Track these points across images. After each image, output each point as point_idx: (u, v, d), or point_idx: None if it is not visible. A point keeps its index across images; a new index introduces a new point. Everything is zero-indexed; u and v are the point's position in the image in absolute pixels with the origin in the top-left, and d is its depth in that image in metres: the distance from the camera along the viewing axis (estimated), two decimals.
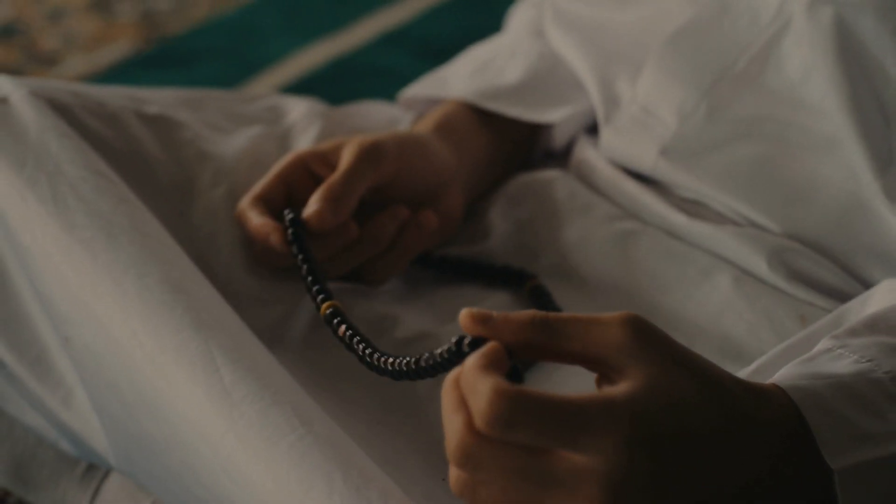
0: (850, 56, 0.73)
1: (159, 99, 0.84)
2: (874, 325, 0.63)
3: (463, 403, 0.51)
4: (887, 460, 0.57)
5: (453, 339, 0.54)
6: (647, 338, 0.53)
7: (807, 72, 0.75)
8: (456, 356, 0.54)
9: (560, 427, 0.50)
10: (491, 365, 0.51)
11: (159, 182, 0.78)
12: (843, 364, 0.60)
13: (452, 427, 0.51)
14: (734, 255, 0.75)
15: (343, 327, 0.66)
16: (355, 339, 0.65)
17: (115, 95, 0.82)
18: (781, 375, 0.59)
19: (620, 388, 0.52)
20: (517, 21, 0.95)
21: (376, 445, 0.65)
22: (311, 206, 0.73)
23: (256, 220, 0.73)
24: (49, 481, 0.81)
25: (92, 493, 0.80)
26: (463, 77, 0.89)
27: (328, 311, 0.68)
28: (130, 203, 0.72)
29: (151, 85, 0.93)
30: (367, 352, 0.63)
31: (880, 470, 0.57)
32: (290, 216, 0.72)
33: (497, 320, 0.53)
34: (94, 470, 0.80)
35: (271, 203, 0.75)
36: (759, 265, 0.74)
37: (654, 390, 0.52)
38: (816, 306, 0.73)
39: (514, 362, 0.53)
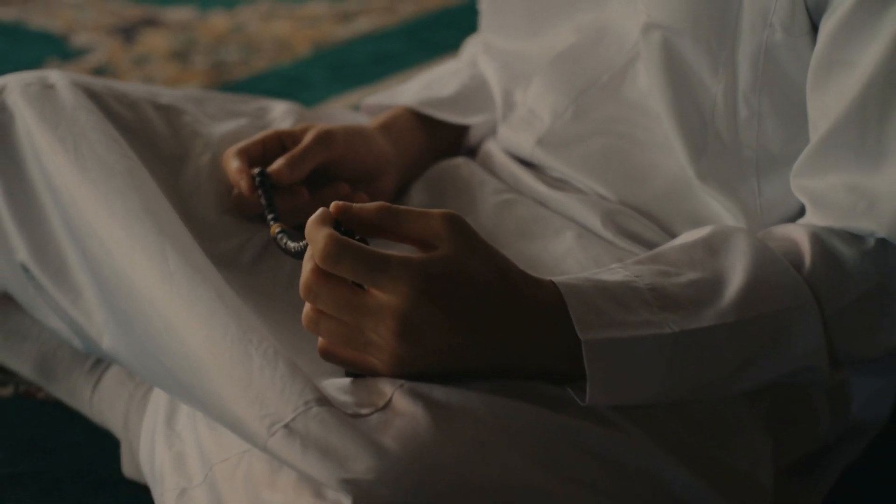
0: (675, 70, 0.92)
1: (172, 94, 1.07)
2: (656, 258, 0.83)
3: (312, 257, 0.72)
4: (628, 342, 0.75)
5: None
6: (457, 229, 0.73)
7: (650, 85, 0.95)
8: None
9: (369, 267, 0.70)
10: (324, 222, 0.72)
11: (161, 151, 1.00)
12: (614, 276, 0.79)
13: (304, 271, 0.72)
14: (579, 216, 0.94)
15: (280, 234, 0.89)
16: (279, 235, 0.87)
17: (138, 90, 1.05)
18: (561, 277, 0.78)
19: (422, 255, 0.72)
20: (465, 52, 1.17)
21: (288, 325, 0.86)
22: (275, 165, 0.95)
23: (235, 164, 0.95)
24: (65, 374, 1.04)
25: (94, 382, 1.02)
26: (412, 91, 1.11)
27: (277, 231, 0.90)
28: (131, 159, 0.94)
29: None
30: (284, 242, 0.86)
31: (622, 348, 0.75)
32: (259, 169, 0.95)
33: (355, 208, 0.74)
34: (98, 364, 1.02)
35: (250, 157, 0.97)
36: (595, 223, 0.93)
37: (447, 261, 0.72)
38: (636, 254, 0.92)
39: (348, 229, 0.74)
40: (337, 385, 0.75)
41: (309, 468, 0.69)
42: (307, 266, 0.72)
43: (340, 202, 0.74)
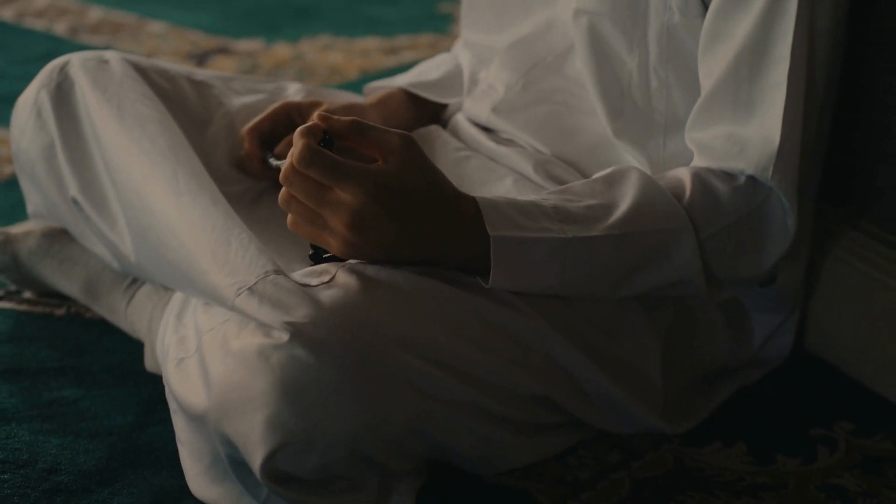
0: (599, 48, 1.09)
1: (206, 73, 1.28)
2: (565, 189, 1.00)
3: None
4: (529, 241, 0.92)
5: None
6: (409, 148, 0.90)
7: (580, 61, 1.14)
8: None
9: (333, 171, 0.88)
10: (308, 133, 0.89)
11: (190, 115, 1.20)
12: (526, 198, 0.97)
13: (285, 165, 0.90)
14: (516, 165, 1.12)
15: None
16: None
17: (178, 68, 1.27)
18: (483, 195, 0.96)
19: (376, 165, 0.90)
20: (454, 49, 1.37)
21: (275, 241, 1.06)
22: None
23: (248, 145, 1.16)
24: (106, 293, 1.24)
25: (129, 298, 1.22)
26: (405, 77, 1.31)
27: None
28: (163, 113, 1.14)
29: None
30: None
31: (523, 245, 0.92)
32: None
33: (333, 119, 0.91)
34: (133, 285, 1.22)
35: (260, 133, 1.18)
36: (528, 171, 1.11)
37: (396, 174, 0.89)
38: None
39: (330, 139, 0.91)
40: (300, 272, 0.94)
41: (261, 316, 0.88)
42: (288, 161, 0.91)
43: (324, 113, 0.93)
